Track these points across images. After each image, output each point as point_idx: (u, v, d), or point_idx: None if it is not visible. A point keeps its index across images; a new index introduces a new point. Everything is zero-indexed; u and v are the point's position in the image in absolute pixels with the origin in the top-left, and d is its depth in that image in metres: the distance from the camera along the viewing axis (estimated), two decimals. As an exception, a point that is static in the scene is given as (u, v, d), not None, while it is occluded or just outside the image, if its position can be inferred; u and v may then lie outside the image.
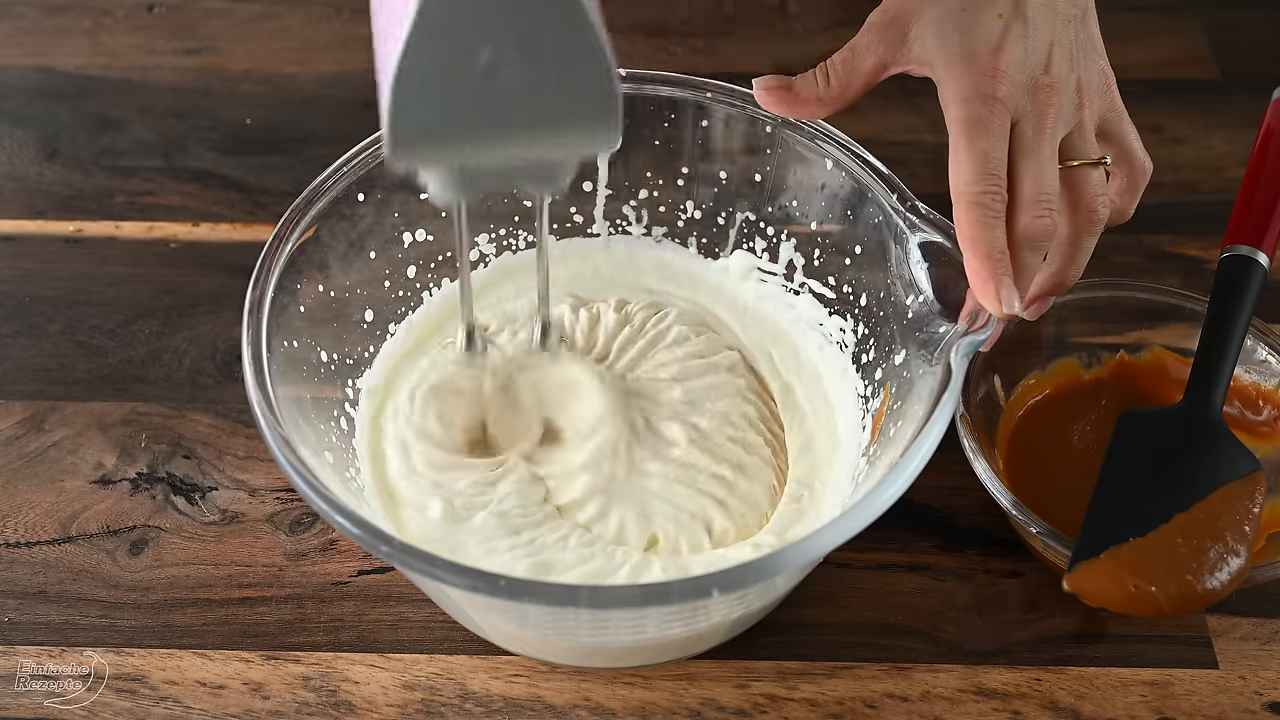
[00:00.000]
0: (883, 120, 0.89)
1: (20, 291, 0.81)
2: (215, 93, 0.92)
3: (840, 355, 0.70)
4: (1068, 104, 0.61)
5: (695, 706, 0.64)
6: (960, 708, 0.64)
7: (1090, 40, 0.63)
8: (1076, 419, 0.71)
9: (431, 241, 0.71)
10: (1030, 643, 0.66)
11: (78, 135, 0.89)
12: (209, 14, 0.97)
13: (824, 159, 0.69)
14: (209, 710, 0.64)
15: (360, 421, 0.68)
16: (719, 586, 0.54)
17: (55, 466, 0.73)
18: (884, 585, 0.68)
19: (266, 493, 0.72)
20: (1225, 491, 0.63)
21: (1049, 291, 0.65)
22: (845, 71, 0.63)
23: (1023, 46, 0.60)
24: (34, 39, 0.96)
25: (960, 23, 0.60)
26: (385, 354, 0.70)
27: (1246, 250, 0.69)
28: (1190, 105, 0.92)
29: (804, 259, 0.72)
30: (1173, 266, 0.82)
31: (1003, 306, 0.59)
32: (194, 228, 0.84)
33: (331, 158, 0.67)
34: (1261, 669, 0.65)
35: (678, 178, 0.74)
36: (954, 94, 0.60)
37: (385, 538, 0.55)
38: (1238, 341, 0.67)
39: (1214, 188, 0.87)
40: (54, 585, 0.68)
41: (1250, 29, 0.97)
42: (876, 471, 0.62)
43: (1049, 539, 0.63)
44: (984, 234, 0.59)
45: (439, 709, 0.64)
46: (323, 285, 0.67)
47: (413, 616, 0.67)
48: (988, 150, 0.59)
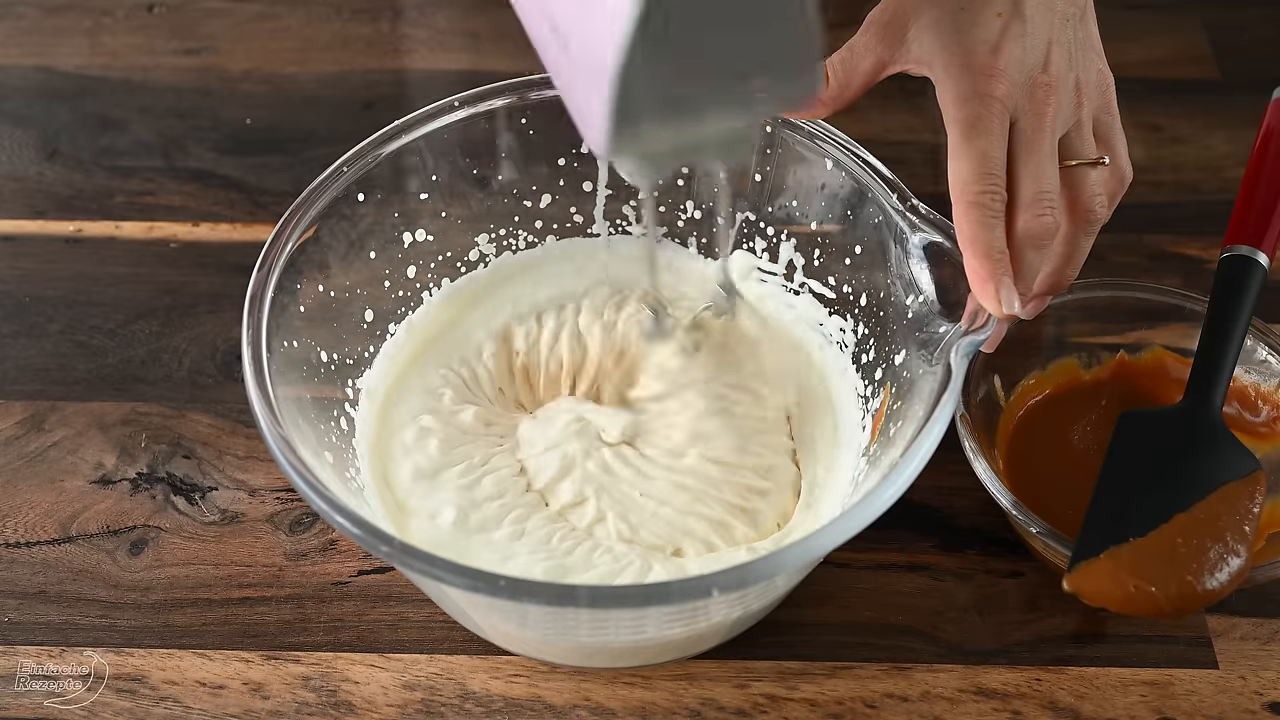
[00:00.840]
0: (883, 120, 0.89)
1: (20, 291, 0.81)
2: (215, 93, 0.92)
3: (840, 355, 0.70)
4: (1066, 102, 0.61)
5: (695, 706, 0.64)
6: (960, 708, 0.64)
7: (1089, 40, 0.63)
8: (1076, 419, 0.71)
9: (431, 241, 0.72)
10: (1030, 643, 0.66)
11: (78, 135, 0.89)
12: (209, 14, 0.97)
13: (824, 159, 0.69)
14: (209, 710, 0.64)
15: (361, 421, 0.68)
16: (719, 586, 0.54)
17: (55, 466, 0.73)
18: (884, 585, 0.68)
19: (266, 493, 0.72)
20: (1225, 491, 0.63)
21: (1046, 291, 0.65)
22: (844, 71, 0.63)
23: (1021, 45, 0.60)
24: (34, 39, 0.96)
25: (958, 22, 0.60)
26: (385, 354, 0.70)
27: (1246, 250, 0.69)
28: (1190, 105, 0.92)
29: (804, 259, 0.72)
30: (1173, 266, 0.82)
31: (1002, 307, 0.59)
32: (194, 228, 0.84)
33: (331, 158, 0.67)
34: (1261, 669, 0.65)
35: (677, 178, 0.74)
36: (952, 94, 0.60)
37: (385, 538, 0.55)
38: (1238, 341, 0.67)
39: (1214, 187, 0.87)
40: (54, 585, 0.68)
41: (1250, 28, 0.97)
42: (876, 471, 0.62)
43: (1049, 539, 0.63)
44: (983, 234, 0.59)
45: (439, 709, 0.64)
46: (323, 285, 0.67)
47: (413, 616, 0.67)
48: (986, 150, 0.59)
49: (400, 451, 0.67)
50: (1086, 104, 0.62)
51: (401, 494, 0.66)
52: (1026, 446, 0.71)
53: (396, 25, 0.97)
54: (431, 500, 0.65)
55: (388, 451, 0.68)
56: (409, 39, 0.96)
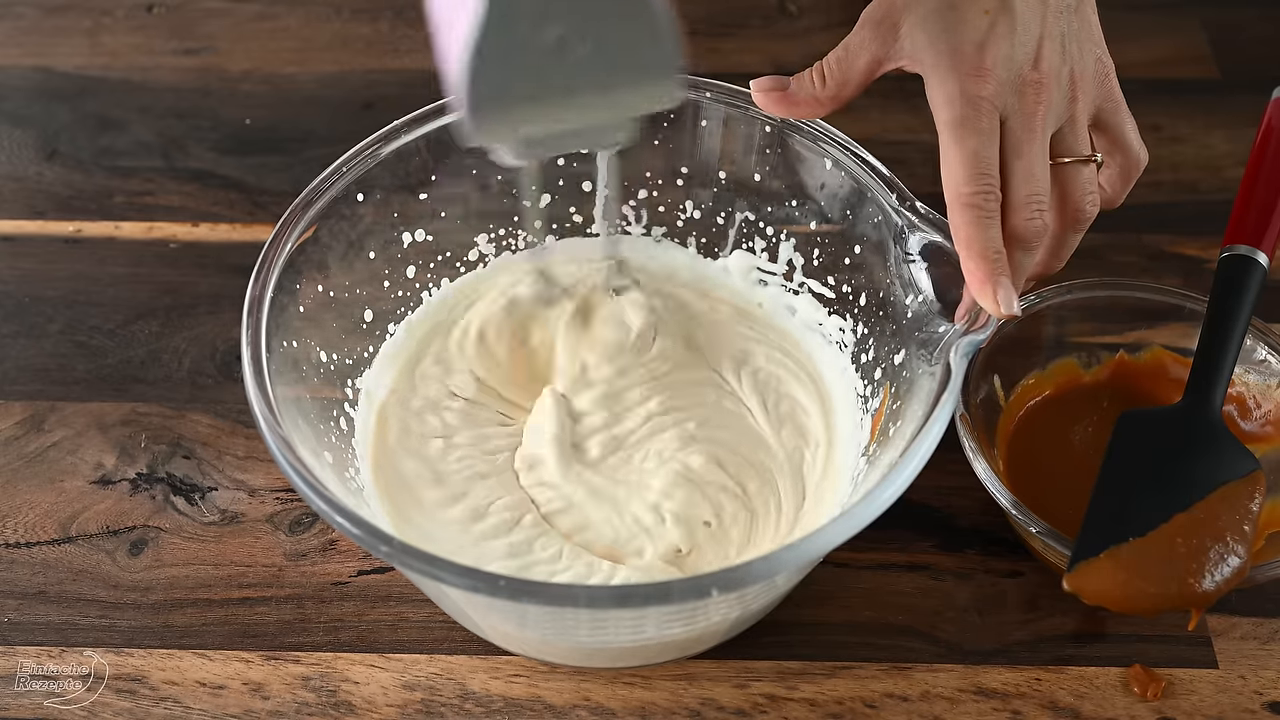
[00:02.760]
0: (882, 120, 0.89)
1: (20, 291, 0.81)
2: (215, 93, 0.92)
3: (839, 355, 0.70)
4: (1058, 99, 0.61)
5: (695, 706, 0.64)
6: (960, 708, 0.64)
7: (1086, 29, 0.63)
8: (1076, 419, 0.71)
9: (431, 241, 0.72)
10: (1030, 642, 0.66)
11: (77, 135, 0.89)
12: (209, 14, 0.97)
13: (823, 159, 0.69)
14: (209, 710, 0.64)
15: (360, 421, 0.68)
16: (719, 586, 0.54)
17: (55, 467, 0.73)
18: (884, 585, 0.68)
19: (266, 493, 0.72)
20: (1225, 491, 0.63)
21: (1030, 279, 0.65)
22: (840, 71, 0.63)
23: (1009, 42, 0.59)
24: (34, 39, 0.96)
25: (946, 20, 0.60)
26: (385, 354, 0.70)
27: (1246, 250, 0.68)
28: (1190, 104, 0.92)
29: (803, 259, 0.72)
30: (1172, 266, 0.82)
31: (1000, 308, 0.58)
32: (194, 228, 0.84)
33: (331, 158, 0.67)
34: (1261, 669, 0.65)
35: (677, 178, 0.74)
36: (941, 94, 0.60)
37: (385, 538, 0.55)
38: (1237, 341, 0.67)
39: (1213, 187, 0.87)
40: (54, 585, 0.68)
41: (1250, 28, 0.97)
42: (876, 471, 0.62)
43: (1049, 539, 0.63)
44: (979, 234, 0.58)
45: (439, 709, 0.64)
46: (322, 285, 0.67)
47: (413, 616, 0.67)
48: (977, 150, 0.58)
49: (401, 451, 0.68)
50: (1082, 98, 0.62)
51: (403, 494, 0.66)
52: (1026, 446, 0.71)
53: (396, 25, 0.97)
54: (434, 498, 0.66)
55: (388, 451, 0.68)
56: (409, 39, 0.96)
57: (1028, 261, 0.61)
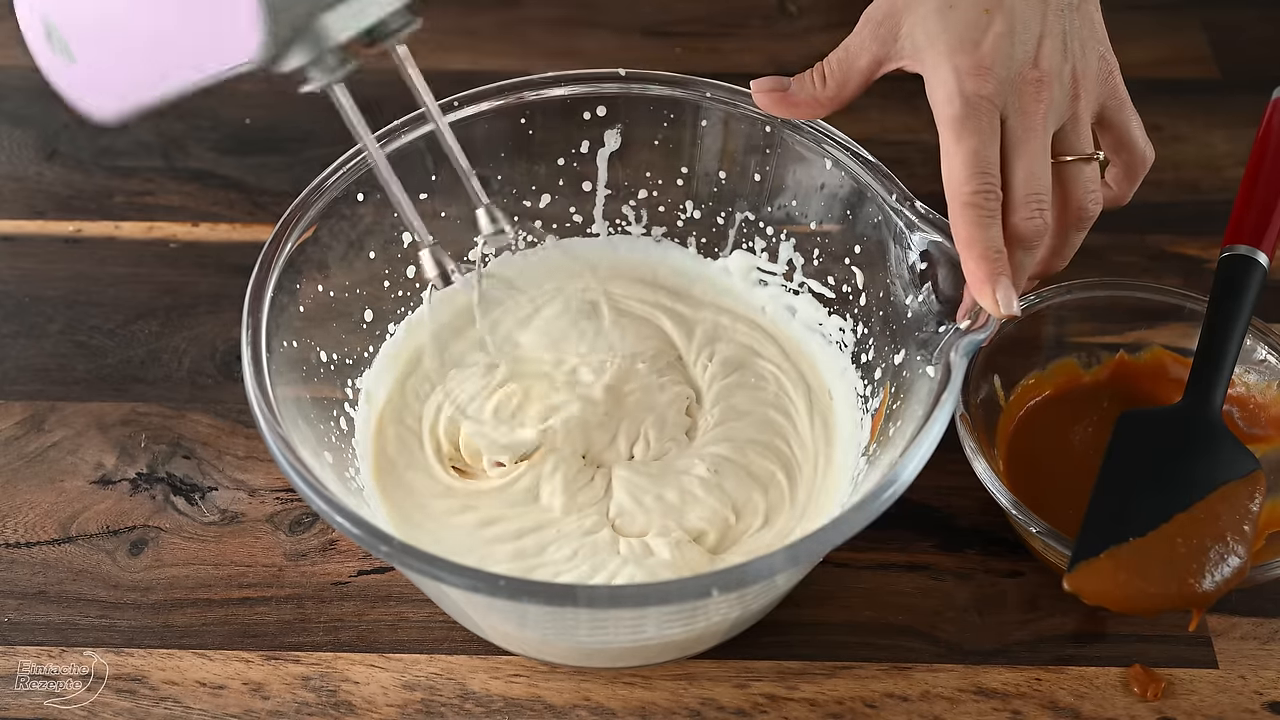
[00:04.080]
0: (882, 120, 0.89)
1: (20, 291, 0.81)
2: (215, 93, 0.92)
3: (840, 355, 0.70)
4: (1059, 97, 0.61)
5: (695, 706, 0.64)
6: (960, 707, 0.64)
7: (1089, 26, 0.62)
8: (1076, 419, 0.71)
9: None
10: (1030, 642, 0.66)
11: (77, 135, 0.89)
12: (209, 14, 0.97)
13: (823, 159, 0.69)
14: (209, 710, 0.64)
15: (360, 421, 0.68)
16: (719, 586, 0.54)
17: (55, 466, 0.73)
18: (884, 585, 0.68)
19: (266, 493, 0.72)
20: (1225, 491, 0.63)
21: (1033, 278, 0.65)
22: (841, 71, 0.63)
23: (1009, 41, 0.59)
24: (34, 39, 0.96)
25: (946, 19, 0.60)
26: (385, 354, 0.70)
27: (1246, 250, 0.68)
28: (1190, 104, 0.92)
29: (803, 259, 0.72)
30: (1172, 266, 0.82)
31: (1001, 307, 0.58)
32: (193, 228, 0.84)
33: (331, 158, 0.67)
34: (1261, 669, 0.65)
35: (677, 178, 0.74)
36: (940, 93, 0.59)
37: (385, 538, 0.55)
38: (1237, 341, 0.67)
39: (1214, 187, 0.87)
40: (54, 585, 0.68)
41: (1250, 28, 0.97)
42: (876, 471, 0.62)
43: (1049, 539, 0.63)
44: (979, 234, 0.58)
45: (439, 709, 0.64)
46: (322, 285, 0.67)
47: (413, 616, 0.67)
48: (977, 149, 0.58)
49: (401, 451, 0.68)
50: (1084, 96, 0.62)
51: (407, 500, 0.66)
52: (1026, 446, 0.71)
53: (396, 25, 0.97)
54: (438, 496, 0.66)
55: (388, 451, 0.68)
56: (409, 39, 0.96)
57: (1028, 261, 0.61)
